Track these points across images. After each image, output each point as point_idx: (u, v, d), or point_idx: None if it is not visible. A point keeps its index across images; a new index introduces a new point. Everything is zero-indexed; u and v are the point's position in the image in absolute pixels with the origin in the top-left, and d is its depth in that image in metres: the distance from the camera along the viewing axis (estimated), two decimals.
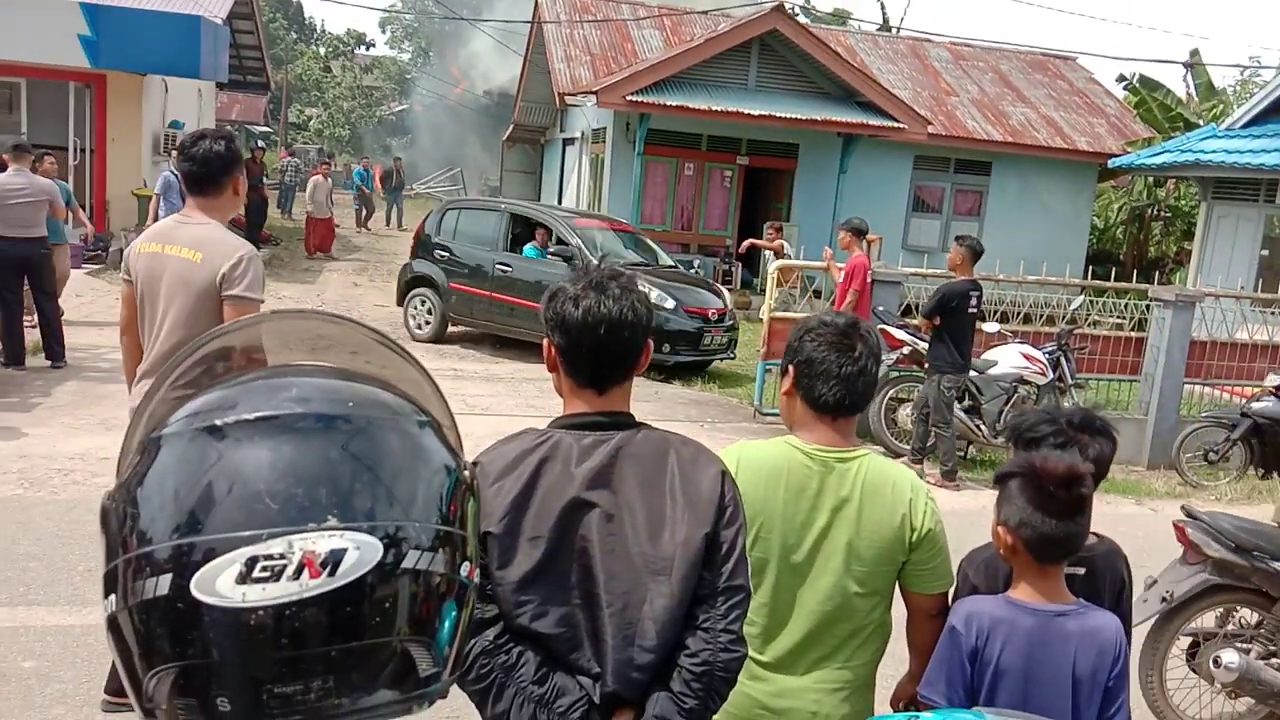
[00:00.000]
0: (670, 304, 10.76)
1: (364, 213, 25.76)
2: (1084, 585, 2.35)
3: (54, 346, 8.84)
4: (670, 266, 12.47)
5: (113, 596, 0.77)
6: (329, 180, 20.38)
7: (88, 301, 12.01)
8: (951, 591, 2.39)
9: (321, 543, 0.73)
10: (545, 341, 1.93)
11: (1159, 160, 15.21)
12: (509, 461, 1.82)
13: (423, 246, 12.35)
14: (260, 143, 29.89)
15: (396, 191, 27.48)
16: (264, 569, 0.72)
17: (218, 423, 0.77)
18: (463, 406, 8.69)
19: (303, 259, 18.93)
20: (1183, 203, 20.32)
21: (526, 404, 9.01)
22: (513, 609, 1.78)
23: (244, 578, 0.72)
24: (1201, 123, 18.09)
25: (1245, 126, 14.30)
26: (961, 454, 8.88)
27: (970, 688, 2.16)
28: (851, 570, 2.20)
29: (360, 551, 0.74)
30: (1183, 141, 15.53)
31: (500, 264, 11.55)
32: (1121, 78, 21.97)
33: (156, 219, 12.81)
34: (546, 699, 1.77)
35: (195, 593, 0.72)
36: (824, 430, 2.21)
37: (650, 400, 9.59)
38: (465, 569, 0.82)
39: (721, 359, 11.46)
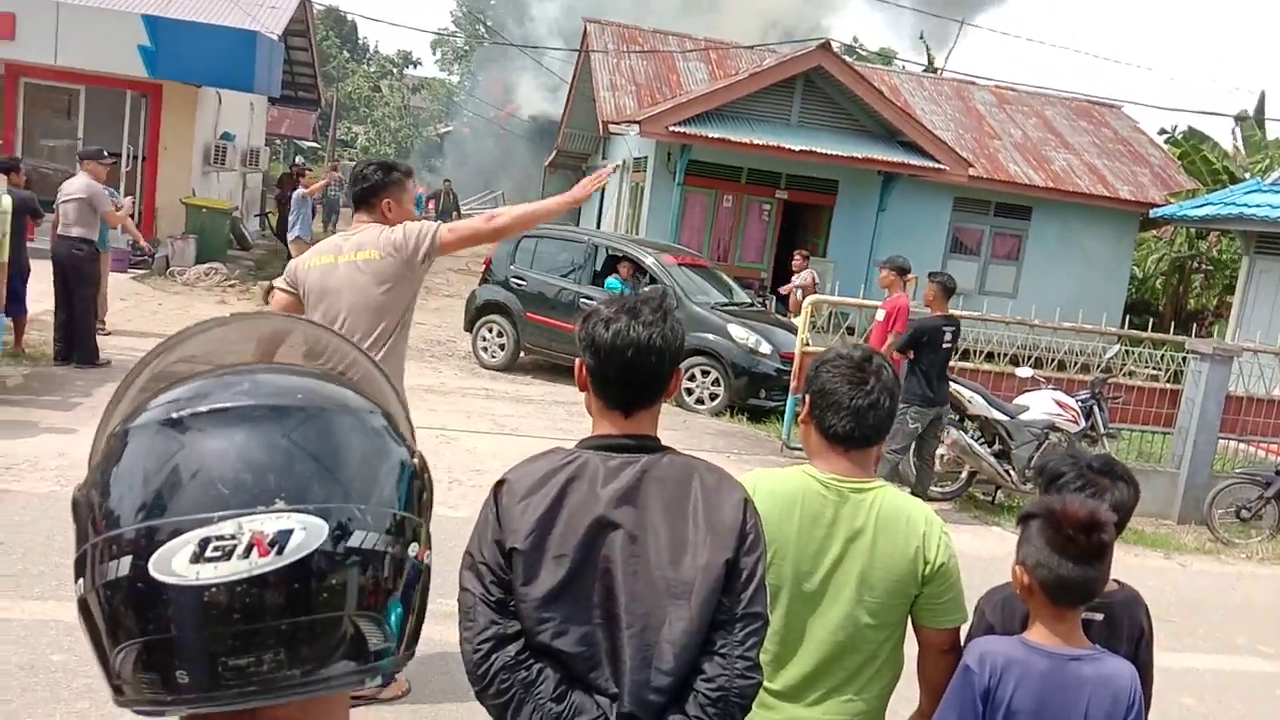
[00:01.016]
0: (767, 349, 10.70)
1: None
2: (1102, 631, 2.35)
3: (63, 346, 8.85)
4: (749, 304, 12.36)
5: (82, 580, 0.82)
6: None
7: (131, 306, 12.24)
8: (967, 629, 2.40)
9: (269, 524, 0.79)
10: (578, 361, 1.98)
11: (1202, 212, 15.08)
12: (537, 479, 1.86)
13: (494, 273, 12.19)
14: (300, 159, 30.10)
15: (446, 215, 25.00)
16: (216, 549, 0.78)
17: (176, 415, 0.83)
18: (494, 426, 8.77)
19: None
20: (1224, 256, 20.11)
21: (554, 425, 9.06)
22: (535, 625, 1.81)
23: (197, 557, 0.77)
24: (1247, 177, 17.94)
25: None
26: (990, 499, 8.83)
27: None
28: (864, 601, 2.21)
29: (306, 532, 0.79)
30: (1227, 194, 15.39)
31: (585, 297, 11.25)
32: (1163, 131, 21.87)
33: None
34: (564, 716, 1.80)
35: (153, 572, 0.78)
36: (838, 460, 2.25)
37: (678, 429, 9.61)
38: (415, 550, 0.87)
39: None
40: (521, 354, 11.97)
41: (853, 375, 2.24)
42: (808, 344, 9.21)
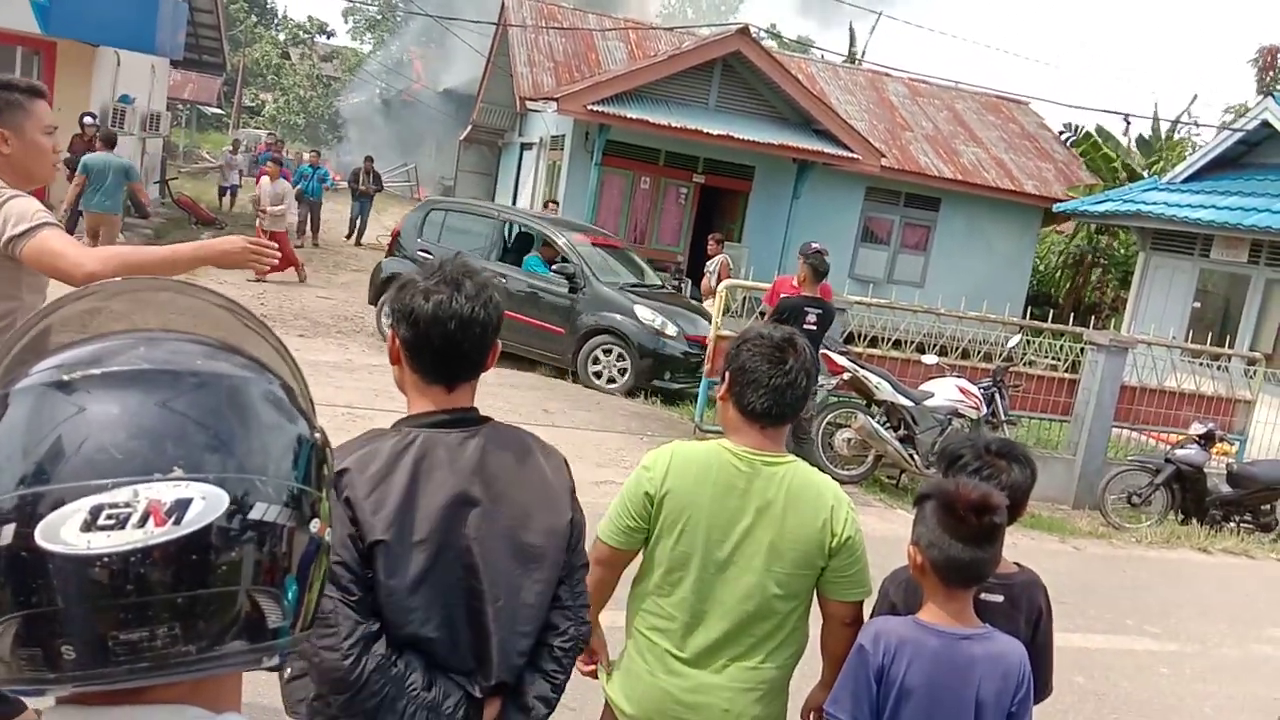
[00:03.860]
0: (673, 331, 10.73)
1: (308, 220, 19.44)
2: (1003, 612, 2.39)
3: None
4: (660, 287, 12.33)
5: None
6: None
7: None
8: (871, 608, 2.44)
9: (167, 492, 0.75)
10: (389, 333, 1.94)
11: (1102, 208, 15.61)
12: (383, 464, 1.78)
13: (401, 247, 11.87)
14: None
15: (366, 198, 21.55)
16: (109, 517, 0.73)
17: (65, 378, 0.78)
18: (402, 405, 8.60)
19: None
20: (1121, 251, 20.86)
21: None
22: (402, 617, 1.76)
23: (89, 525, 0.73)
24: (1145, 175, 18.61)
25: (1186, 181, 14.75)
26: (894, 482, 9.01)
27: (876, 707, 2.19)
28: (772, 571, 2.25)
29: (206, 501, 0.76)
30: (1125, 191, 15.96)
31: (497, 275, 10.92)
32: (1065, 127, 22.54)
33: (75, 204, 12.34)
34: (436, 702, 1.77)
35: (39, 541, 0.73)
36: (753, 435, 2.29)
37: (590, 410, 9.58)
38: (316, 525, 0.85)
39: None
40: None
41: (772, 355, 2.27)
42: (720, 328, 9.26)
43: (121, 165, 12.47)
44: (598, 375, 10.80)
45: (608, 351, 10.84)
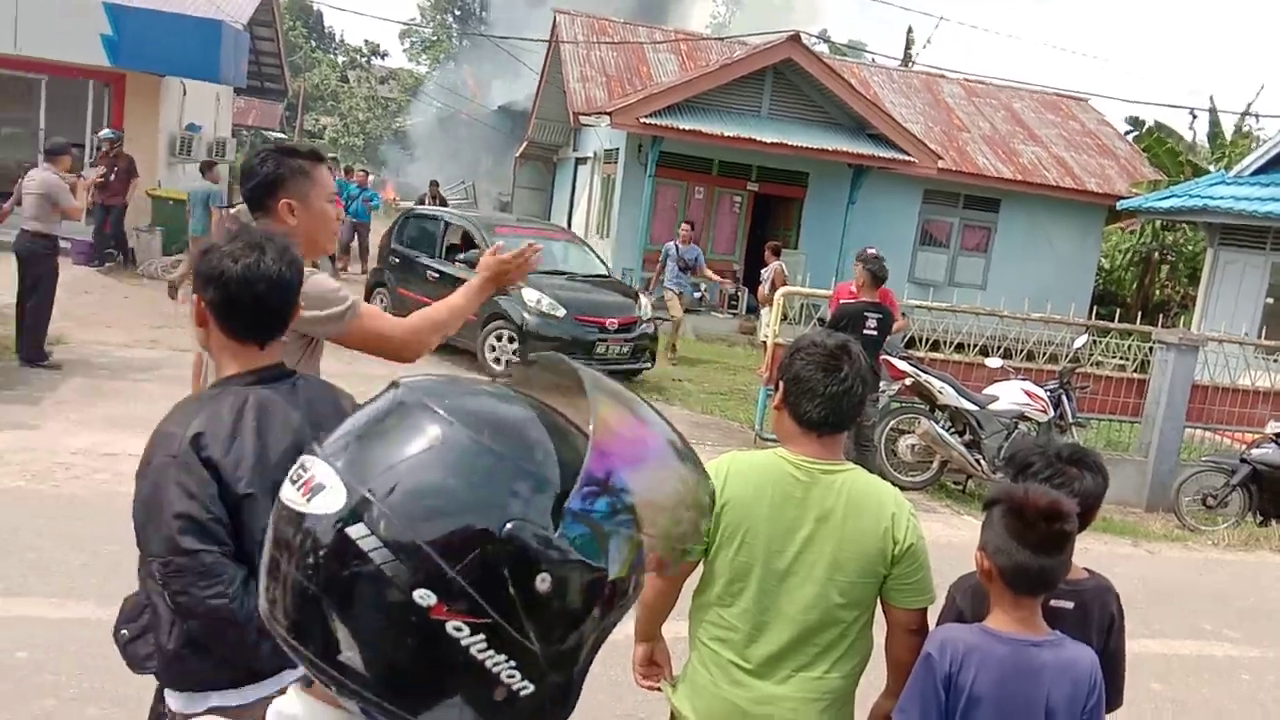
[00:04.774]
0: (561, 312, 10.89)
1: (352, 240, 18.60)
2: (1074, 619, 2.36)
3: (23, 343, 8.65)
4: (598, 275, 12.51)
5: None
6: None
7: (96, 299, 12.06)
8: (937, 615, 2.41)
9: (322, 473, 0.81)
10: (195, 298, 2.03)
11: (1167, 204, 15.26)
12: (229, 422, 1.92)
13: (384, 252, 13.10)
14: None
15: None
16: (294, 477, 0.83)
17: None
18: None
19: None
20: (1189, 247, 20.38)
21: None
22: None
23: (290, 481, 0.83)
24: (1211, 169, 18.16)
25: (1254, 174, 14.37)
26: (960, 487, 8.90)
27: (945, 714, 2.17)
28: (834, 580, 2.24)
29: (331, 494, 0.79)
30: (1191, 186, 15.59)
31: (431, 270, 11.99)
32: (1132, 120, 22.09)
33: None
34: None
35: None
36: (810, 444, 2.28)
37: None
38: (422, 596, 0.77)
39: (625, 368, 11.23)
40: None
41: (827, 363, 2.26)
42: (778, 336, 9.24)
43: (206, 193, 13.94)
44: (496, 361, 11.03)
45: (499, 337, 11.09)
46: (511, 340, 10.95)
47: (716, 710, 2.31)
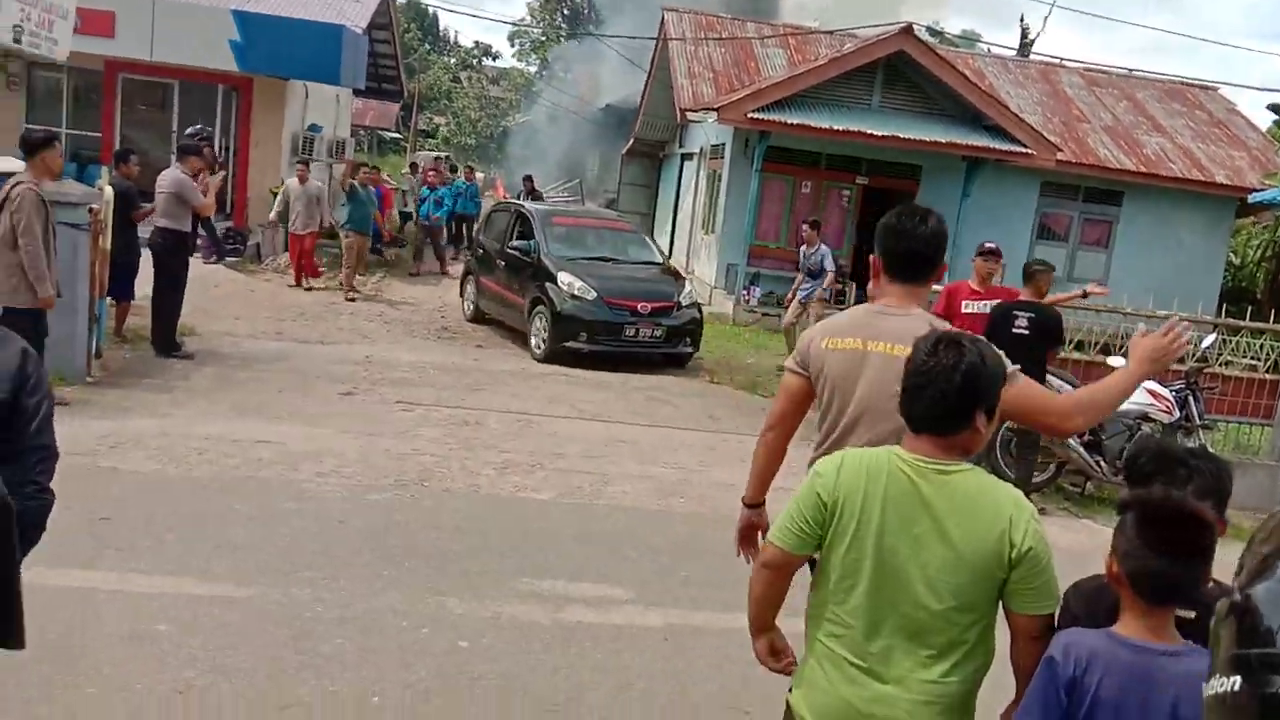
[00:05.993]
0: (591, 295, 11.05)
1: (431, 246, 17.91)
2: (1195, 630, 2.28)
3: (157, 335, 9.11)
4: (647, 262, 12.70)
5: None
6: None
7: (225, 294, 12.62)
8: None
9: None
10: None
11: None
12: None
13: (474, 245, 14.32)
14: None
15: None
16: None
17: None
18: (571, 411, 8.84)
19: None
20: None
21: (633, 411, 9.11)
22: None
23: None
24: None
25: None
26: (1079, 490, 8.63)
27: (1066, 719, 2.13)
28: (946, 581, 2.20)
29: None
30: None
31: (498, 258, 12.69)
32: (1275, 108, 21.01)
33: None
34: None
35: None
36: (924, 443, 2.25)
37: (755, 415, 9.53)
38: None
39: (661, 352, 11.33)
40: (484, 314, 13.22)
41: (925, 361, 2.25)
42: None
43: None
44: (537, 347, 11.31)
45: (540, 318, 11.34)
46: (549, 322, 11.26)
47: (832, 708, 2.30)
